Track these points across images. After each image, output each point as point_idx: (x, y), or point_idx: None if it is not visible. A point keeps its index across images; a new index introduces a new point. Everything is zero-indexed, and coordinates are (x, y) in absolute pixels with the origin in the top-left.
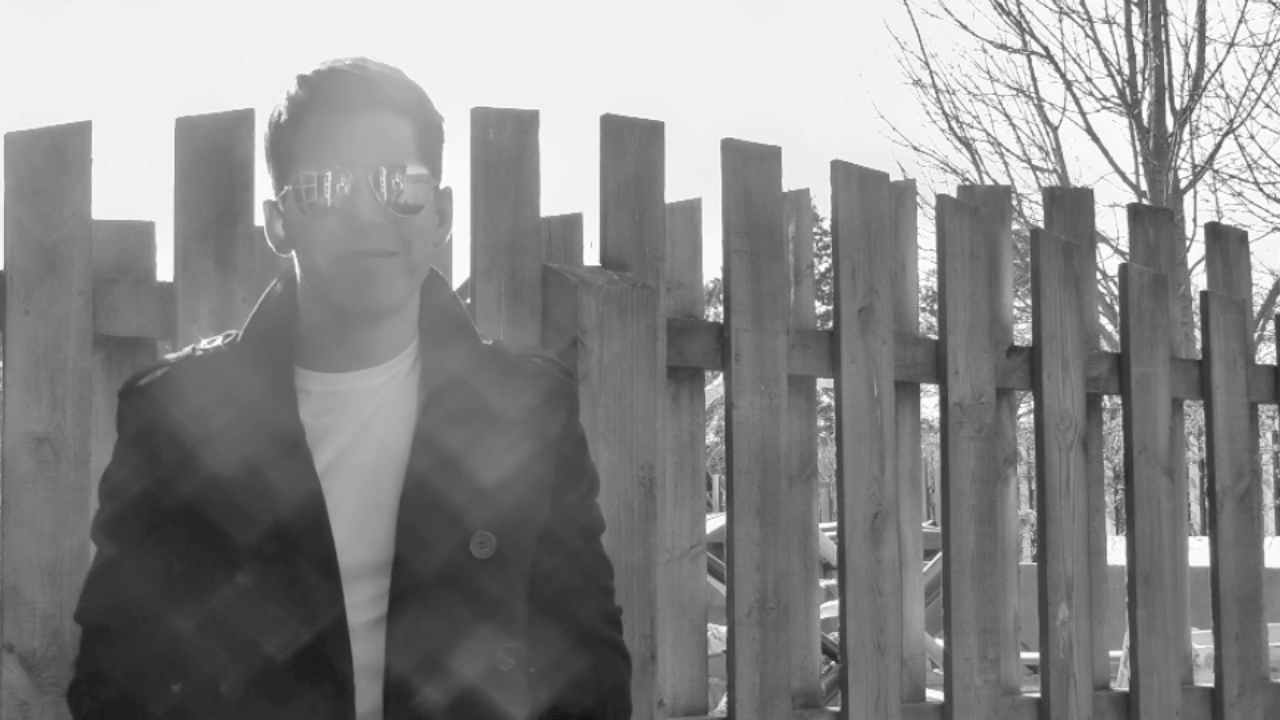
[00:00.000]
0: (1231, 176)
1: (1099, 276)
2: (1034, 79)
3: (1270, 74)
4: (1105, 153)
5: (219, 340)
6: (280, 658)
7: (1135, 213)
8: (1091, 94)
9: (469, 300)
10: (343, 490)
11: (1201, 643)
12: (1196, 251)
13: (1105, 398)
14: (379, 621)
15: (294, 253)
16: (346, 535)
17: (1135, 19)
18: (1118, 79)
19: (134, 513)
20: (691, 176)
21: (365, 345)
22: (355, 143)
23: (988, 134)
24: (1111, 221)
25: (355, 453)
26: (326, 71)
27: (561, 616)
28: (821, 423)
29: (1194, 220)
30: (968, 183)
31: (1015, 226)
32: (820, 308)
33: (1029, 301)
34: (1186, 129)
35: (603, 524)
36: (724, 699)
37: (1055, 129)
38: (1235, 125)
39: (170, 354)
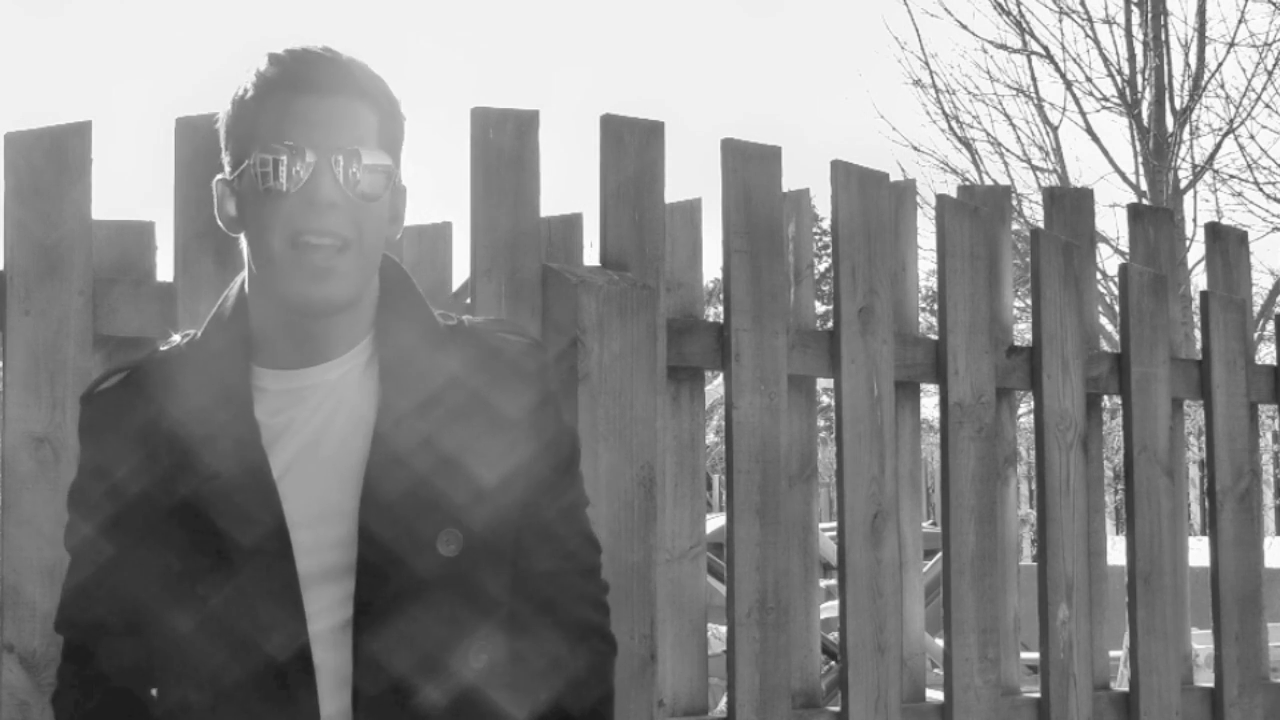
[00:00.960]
0: (1231, 176)
1: (1099, 276)
2: (1034, 79)
3: (1270, 74)
4: (1105, 153)
5: (177, 339)
6: (240, 668)
7: (1135, 213)
8: (1091, 94)
9: (469, 300)
10: (302, 493)
11: (1201, 643)
12: (1196, 251)
13: (1105, 398)
14: (345, 626)
15: (244, 236)
16: (308, 539)
17: (1135, 19)
18: (1118, 79)
19: (99, 520)
20: (691, 176)
21: (319, 339)
22: (319, 125)
23: (988, 134)
24: (1111, 221)
25: (314, 453)
26: (299, 51)
27: (545, 604)
28: (821, 423)
29: (1194, 220)
30: (968, 183)
31: (1015, 226)
32: (820, 308)
33: (1029, 301)
34: (1186, 129)
35: (585, 499)
36: (724, 699)
37: (1055, 129)
38: (1235, 125)
39: (135, 356)
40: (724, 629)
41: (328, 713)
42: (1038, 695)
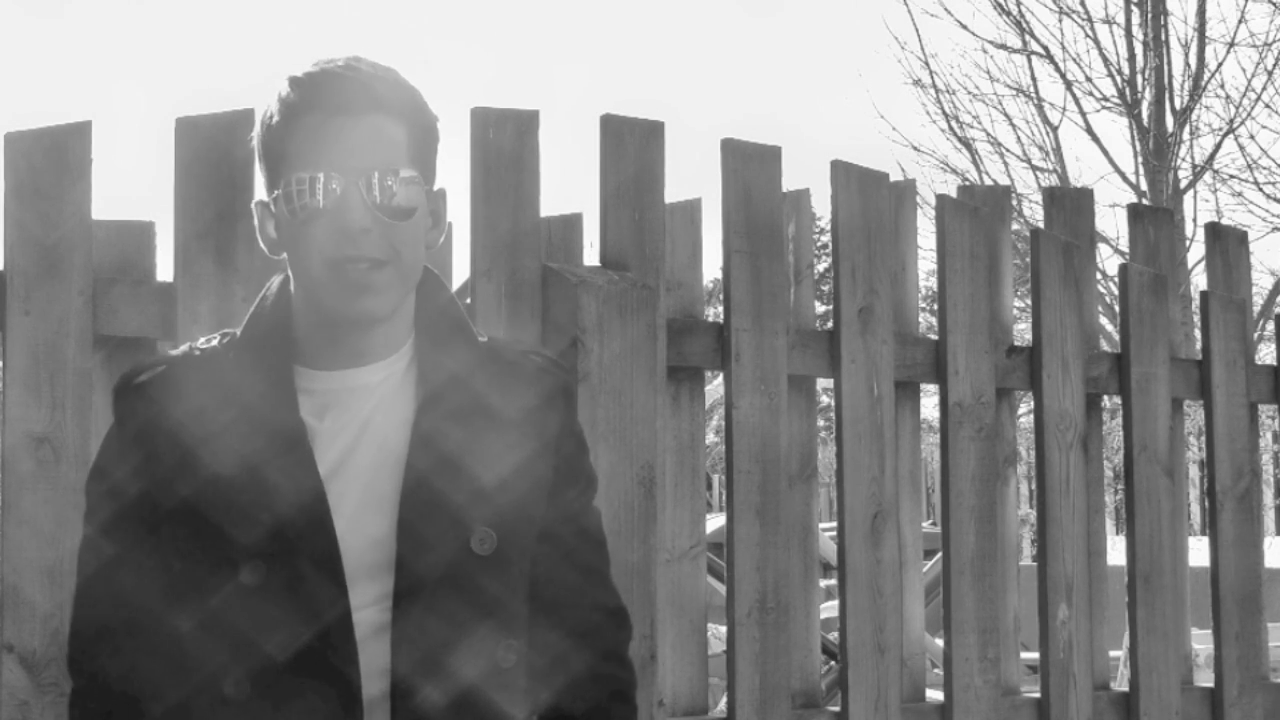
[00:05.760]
0: (1231, 176)
1: (1099, 276)
2: (1034, 79)
3: (1270, 74)
4: (1105, 153)
5: (215, 339)
6: (284, 658)
7: (1135, 213)
8: (1091, 94)
9: (469, 300)
10: (343, 490)
11: (1201, 643)
12: (1196, 251)
13: (1105, 398)
14: (382, 621)
15: (285, 255)
16: (348, 536)
17: (1135, 19)
18: (1118, 79)
19: (133, 514)
20: (691, 176)
21: (360, 345)
22: (347, 146)
23: (988, 134)
24: (1111, 221)
25: (356, 453)
26: (318, 73)
27: (564, 618)
28: (821, 423)
29: (1194, 220)
30: (968, 183)
31: (1015, 226)
32: (820, 308)
33: (1029, 301)
34: (1186, 129)
35: (601, 527)
36: (724, 699)
37: (1055, 129)
38: (1235, 125)
39: (169, 350)
40: (724, 629)
41: (370, 699)
42: (1038, 695)
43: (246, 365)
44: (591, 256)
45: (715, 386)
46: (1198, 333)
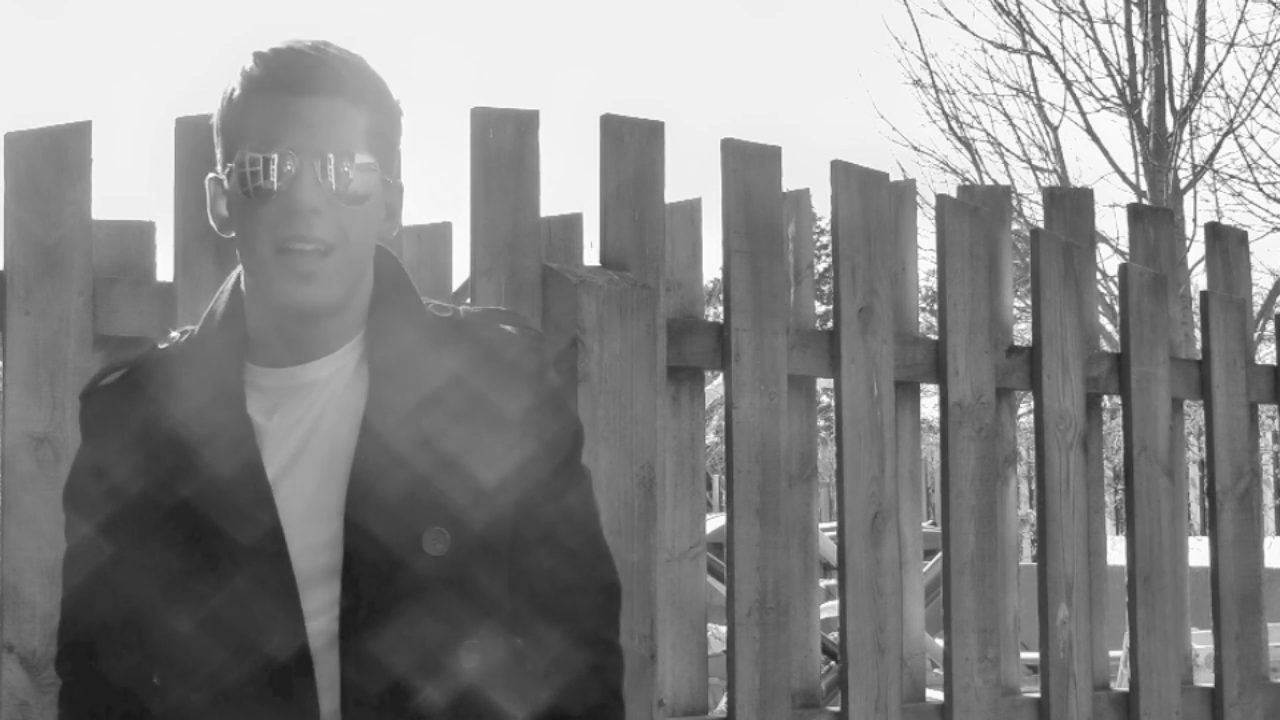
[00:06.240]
0: (1231, 176)
1: (1099, 276)
2: (1034, 79)
3: (1270, 74)
4: (1105, 153)
5: (176, 336)
6: (240, 668)
7: (1135, 213)
8: (1091, 94)
9: (469, 300)
10: (291, 492)
11: (1201, 643)
12: (1196, 251)
13: (1105, 398)
14: (334, 630)
15: (234, 234)
16: (297, 540)
17: (1135, 19)
18: (1118, 79)
19: (98, 520)
20: (691, 176)
21: (309, 338)
22: (304, 126)
23: (988, 134)
24: (1111, 221)
25: (305, 453)
26: (284, 50)
27: (545, 606)
28: (821, 423)
29: (1194, 220)
30: (968, 183)
31: (1015, 226)
32: (820, 308)
33: (1029, 301)
34: (1186, 129)
35: (595, 509)
36: (724, 699)
37: (1055, 129)
38: (1235, 125)
39: (134, 353)
40: (724, 629)
41: (324, 712)
42: (1038, 695)
43: (198, 362)
44: (591, 256)
45: (715, 386)
46: (1198, 333)
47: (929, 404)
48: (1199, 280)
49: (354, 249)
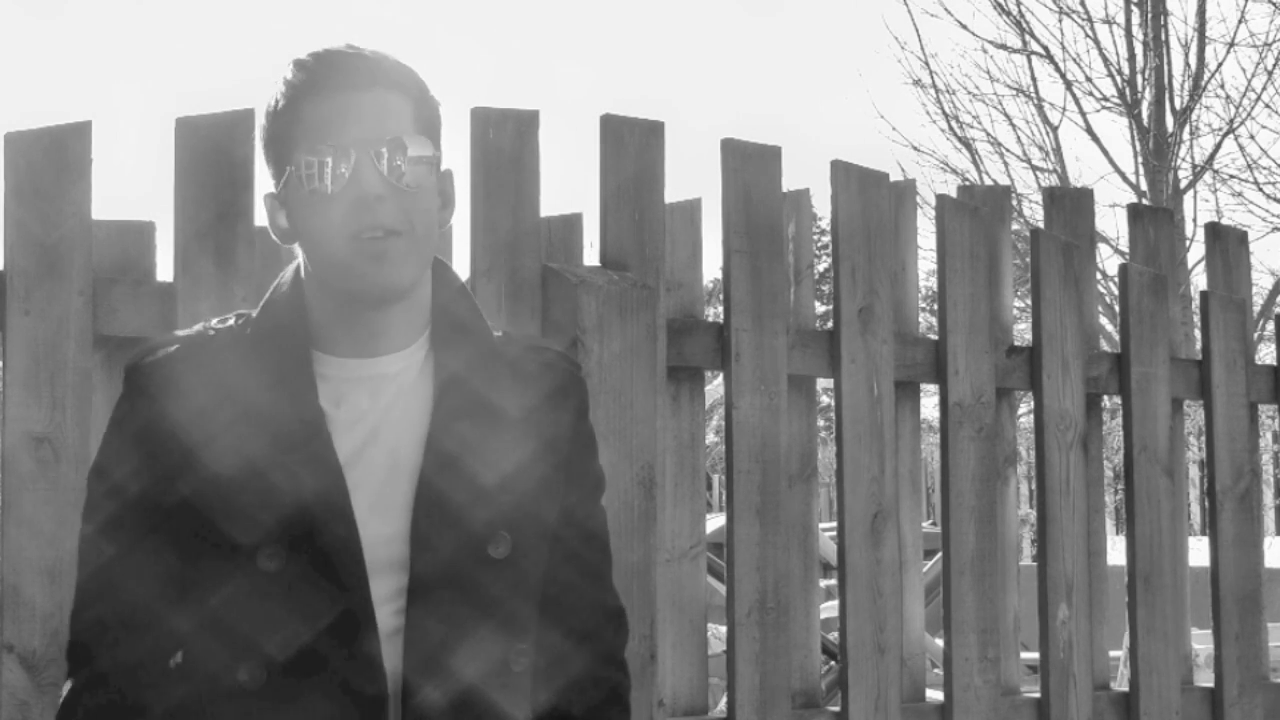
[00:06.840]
0: (1231, 176)
1: (1099, 276)
2: (1034, 79)
3: (1270, 74)
4: (1105, 153)
5: (231, 320)
6: (301, 646)
7: (1135, 213)
8: (1091, 94)
9: None
10: (357, 483)
11: (1201, 643)
12: (1196, 251)
13: (1105, 398)
14: (394, 624)
15: (298, 245)
16: (362, 529)
17: (1135, 19)
18: (1118, 79)
19: (146, 501)
20: (691, 176)
21: (378, 331)
22: (356, 121)
23: (988, 134)
24: (1111, 221)
25: (372, 446)
26: (322, 54)
27: (565, 619)
28: (821, 423)
29: (1194, 220)
30: (968, 183)
31: (1015, 226)
32: (820, 308)
33: (1029, 301)
34: (1186, 129)
35: (606, 528)
36: (724, 699)
37: (1055, 129)
38: (1235, 125)
39: (179, 331)
40: (724, 629)
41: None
42: (1038, 695)
43: (264, 348)
44: (591, 256)
45: (715, 386)
46: (1198, 333)
47: (929, 404)
48: (1199, 280)
49: (419, 235)
